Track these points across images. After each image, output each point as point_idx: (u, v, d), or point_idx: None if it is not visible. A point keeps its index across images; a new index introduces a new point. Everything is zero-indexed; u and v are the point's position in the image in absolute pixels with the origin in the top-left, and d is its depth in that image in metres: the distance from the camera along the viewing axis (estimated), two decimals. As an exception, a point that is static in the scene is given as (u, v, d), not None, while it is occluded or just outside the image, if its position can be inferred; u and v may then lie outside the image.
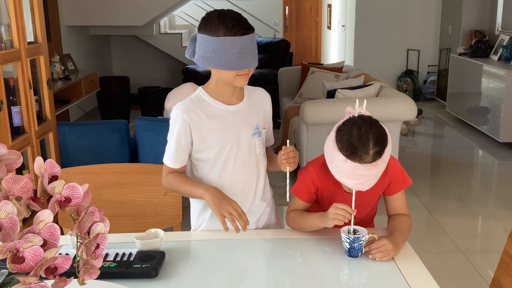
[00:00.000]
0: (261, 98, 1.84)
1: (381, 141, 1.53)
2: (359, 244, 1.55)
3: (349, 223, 1.59)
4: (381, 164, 1.54)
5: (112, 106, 6.74)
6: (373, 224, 1.89)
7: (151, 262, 1.47)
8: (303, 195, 1.75)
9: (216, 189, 1.68)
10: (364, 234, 1.56)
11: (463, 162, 5.17)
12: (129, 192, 2.04)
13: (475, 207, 4.06)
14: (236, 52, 1.59)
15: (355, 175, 1.53)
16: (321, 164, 1.70)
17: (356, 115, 1.58)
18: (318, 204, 1.78)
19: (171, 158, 1.75)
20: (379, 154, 1.52)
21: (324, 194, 1.74)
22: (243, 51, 1.60)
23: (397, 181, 1.73)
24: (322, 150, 1.68)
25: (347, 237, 1.55)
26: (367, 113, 1.59)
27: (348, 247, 1.56)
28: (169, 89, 4.06)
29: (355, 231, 1.59)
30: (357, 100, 1.60)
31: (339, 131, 1.56)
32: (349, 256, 1.57)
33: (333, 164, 1.57)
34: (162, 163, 1.80)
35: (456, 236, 3.50)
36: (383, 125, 1.58)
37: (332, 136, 1.58)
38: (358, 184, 1.56)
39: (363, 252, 1.56)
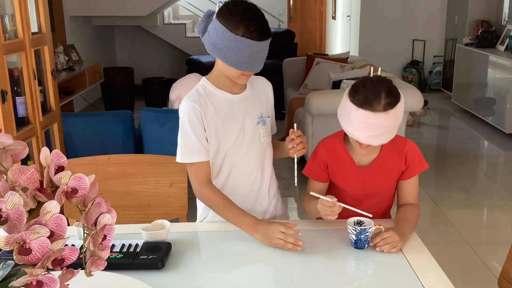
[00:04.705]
0: (263, 87, 1.83)
1: (393, 94, 1.58)
2: (365, 235, 1.53)
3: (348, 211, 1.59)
4: (393, 116, 1.57)
5: (116, 97, 6.73)
6: (390, 215, 1.88)
7: (157, 253, 1.46)
8: (313, 174, 1.78)
9: (258, 224, 1.60)
10: (370, 225, 1.55)
11: (469, 153, 5.15)
12: (135, 183, 2.03)
13: (481, 198, 4.05)
14: (248, 55, 1.57)
15: (366, 126, 1.56)
16: (331, 139, 1.75)
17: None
18: (335, 185, 1.79)
19: (194, 152, 1.68)
20: (391, 105, 1.56)
21: (335, 172, 1.73)
22: (255, 56, 1.59)
23: (414, 164, 1.75)
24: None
25: (354, 228, 1.53)
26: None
27: (355, 238, 1.54)
28: (173, 80, 4.04)
29: (361, 223, 1.58)
30: (370, 68, 1.68)
31: (353, 86, 1.61)
32: (355, 247, 1.55)
33: (345, 118, 1.61)
34: (167, 153, 1.77)
35: (462, 228, 3.48)
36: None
37: (346, 92, 1.63)
38: (370, 136, 1.58)
39: (369, 243, 1.55)
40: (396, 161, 1.73)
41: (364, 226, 1.56)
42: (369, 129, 1.56)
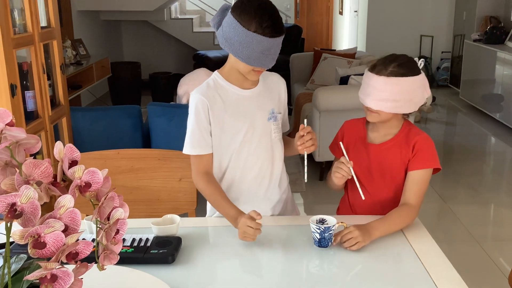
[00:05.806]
0: (276, 83, 1.83)
1: (405, 68, 1.64)
2: (329, 234, 1.52)
3: (352, 179, 1.67)
4: (396, 84, 1.62)
5: (123, 91, 6.74)
6: None
7: (168, 248, 1.47)
8: (334, 149, 1.86)
9: (237, 219, 1.58)
10: (333, 223, 1.54)
11: (476, 149, 5.13)
12: (144, 177, 2.04)
13: (488, 195, 4.03)
14: (260, 51, 1.57)
15: (370, 88, 1.65)
16: (357, 119, 1.84)
17: None
18: None
19: (196, 145, 1.71)
20: (397, 74, 1.62)
21: (349, 146, 1.75)
22: (267, 52, 1.58)
23: (421, 156, 1.70)
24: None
25: (317, 227, 1.52)
26: None
27: (319, 237, 1.53)
28: (180, 75, 4.04)
29: (323, 221, 1.57)
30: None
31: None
32: (318, 246, 1.54)
33: (361, 87, 1.72)
34: (175, 148, 1.78)
35: (469, 224, 3.47)
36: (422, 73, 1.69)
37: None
38: (372, 100, 1.65)
39: (332, 241, 1.54)
40: (405, 148, 1.73)
41: (327, 224, 1.54)
42: (372, 92, 1.65)
